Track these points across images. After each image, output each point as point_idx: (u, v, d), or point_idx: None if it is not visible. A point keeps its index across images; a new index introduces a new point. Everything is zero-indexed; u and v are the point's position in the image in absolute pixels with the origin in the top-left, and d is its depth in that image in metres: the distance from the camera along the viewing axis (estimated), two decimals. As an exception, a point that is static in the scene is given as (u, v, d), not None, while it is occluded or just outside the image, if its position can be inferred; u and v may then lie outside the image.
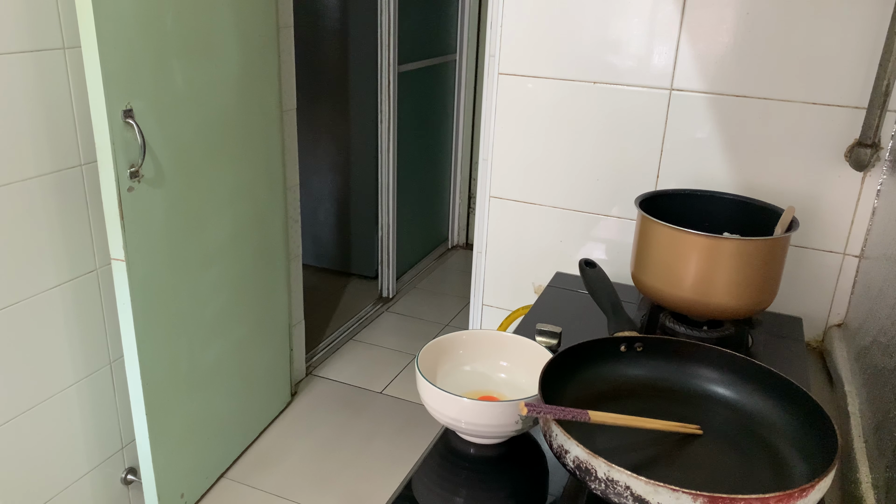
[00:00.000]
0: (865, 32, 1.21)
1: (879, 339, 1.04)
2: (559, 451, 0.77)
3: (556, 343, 1.15)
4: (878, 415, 0.95)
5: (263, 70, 2.00)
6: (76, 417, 1.75)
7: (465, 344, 1.05)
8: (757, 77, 1.30)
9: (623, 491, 0.70)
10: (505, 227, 1.60)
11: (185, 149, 1.72)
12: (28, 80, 1.48)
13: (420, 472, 0.91)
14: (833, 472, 0.72)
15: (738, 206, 1.26)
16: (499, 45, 1.47)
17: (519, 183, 1.55)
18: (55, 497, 1.74)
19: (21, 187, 1.51)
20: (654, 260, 1.16)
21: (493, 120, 1.53)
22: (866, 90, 1.22)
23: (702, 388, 0.95)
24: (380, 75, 3.11)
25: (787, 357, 1.20)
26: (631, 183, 1.44)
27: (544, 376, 0.85)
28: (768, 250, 1.11)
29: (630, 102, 1.40)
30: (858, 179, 1.28)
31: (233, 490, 2.10)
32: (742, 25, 1.28)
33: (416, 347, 2.94)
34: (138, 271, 1.61)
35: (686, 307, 1.16)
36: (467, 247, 4.06)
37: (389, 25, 3.02)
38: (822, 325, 1.38)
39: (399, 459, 2.26)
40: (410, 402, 2.55)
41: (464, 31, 3.62)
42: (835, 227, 1.32)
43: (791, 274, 1.36)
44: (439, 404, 0.91)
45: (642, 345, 0.97)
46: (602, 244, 1.51)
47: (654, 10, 1.34)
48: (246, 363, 2.16)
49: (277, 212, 2.19)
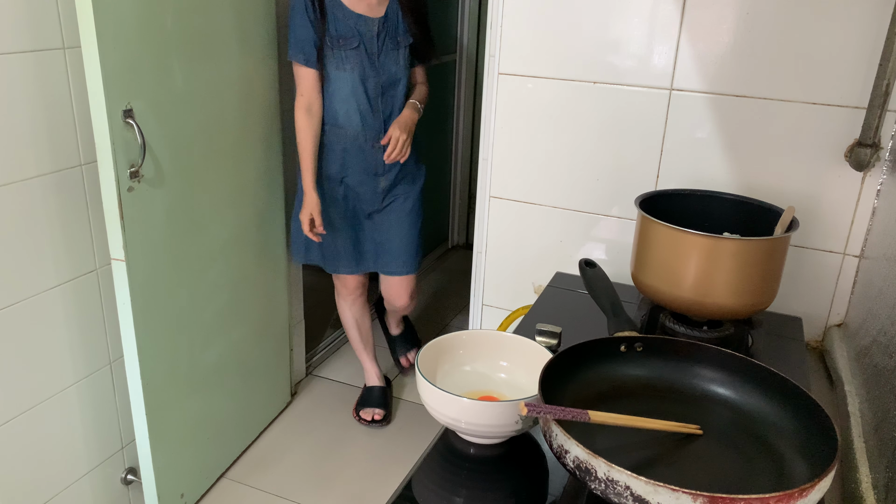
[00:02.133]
0: (865, 32, 1.21)
1: (879, 339, 1.04)
2: (559, 451, 0.77)
3: (556, 343, 1.15)
4: (878, 415, 0.95)
5: (263, 70, 2.00)
6: (76, 417, 1.75)
7: (465, 344, 1.05)
8: (757, 77, 1.30)
9: (623, 491, 0.70)
10: (505, 227, 1.60)
11: (185, 149, 1.72)
12: (28, 80, 1.48)
13: (420, 472, 0.91)
14: (833, 472, 0.72)
15: (738, 206, 1.26)
16: (499, 45, 1.47)
17: (519, 183, 1.55)
18: (55, 497, 1.74)
19: (21, 187, 1.51)
20: (654, 260, 1.16)
21: (493, 120, 1.53)
22: (866, 90, 1.22)
23: (702, 388, 0.95)
24: (380, 75, 3.10)
25: (787, 357, 1.20)
26: (631, 183, 1.44)
27: (544, 376, 0.85)
28: (768, 250, 1.11)
29: (630, 102, 1.40)
30: (858, 179, 1.28)
31: (233, 490, 2.10)
32: (742, 25, 1.28)
33: (416, 347, 2.94)
34: (138, 271, 1.61)
35: (686, 307, 1.16)
36: (467, 247, 4.06)
37: (389, 25, 3.02)
38: (822, 325, 1.38)
39: (399, 459, 2.26)
40: (410, 402, 2.55)
41: (464, 31, 3.62)
42: (835, 227, 1.32)
43: (791, 274, 1.36)
44: (439, 404, 0.91)
45: (642, 345, 0.97)
46: (602, 244, 1.51)
47: (654, 10, 1.34)
48: (246, 363, 2.16)
49: (277, 212, 2.20)
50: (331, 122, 2.00)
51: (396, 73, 1.99)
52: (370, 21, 1.92)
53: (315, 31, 1.89)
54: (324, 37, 1.90)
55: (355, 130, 1.99)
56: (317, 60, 1.91)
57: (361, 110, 1.98)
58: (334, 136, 2.01)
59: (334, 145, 2.02)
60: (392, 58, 1.97)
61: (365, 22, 1.91)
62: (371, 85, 1.96)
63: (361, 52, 1.92)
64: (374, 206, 2.12)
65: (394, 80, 1.99)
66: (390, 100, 2.01)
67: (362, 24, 1.91)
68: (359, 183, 2.06)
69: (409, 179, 2.15)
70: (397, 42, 1.97)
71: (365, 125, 1.99)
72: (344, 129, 1.99)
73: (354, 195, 2.09)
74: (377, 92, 1.98)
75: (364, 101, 1.97)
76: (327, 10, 1.89)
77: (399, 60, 1.99)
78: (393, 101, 2.02)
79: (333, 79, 1.94)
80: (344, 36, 1.90)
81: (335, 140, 2.01)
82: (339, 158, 2.03)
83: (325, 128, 2.00)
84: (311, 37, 1.89)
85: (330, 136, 2.01)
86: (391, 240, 2.17)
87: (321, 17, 1.88)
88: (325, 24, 1.89)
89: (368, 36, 1.92)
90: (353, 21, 1.91)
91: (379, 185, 2.08)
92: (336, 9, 1.90)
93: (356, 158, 2.03)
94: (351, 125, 1.99)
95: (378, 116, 2.00)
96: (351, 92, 1.95)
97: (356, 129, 1.99)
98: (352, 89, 1.95)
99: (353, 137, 2.00)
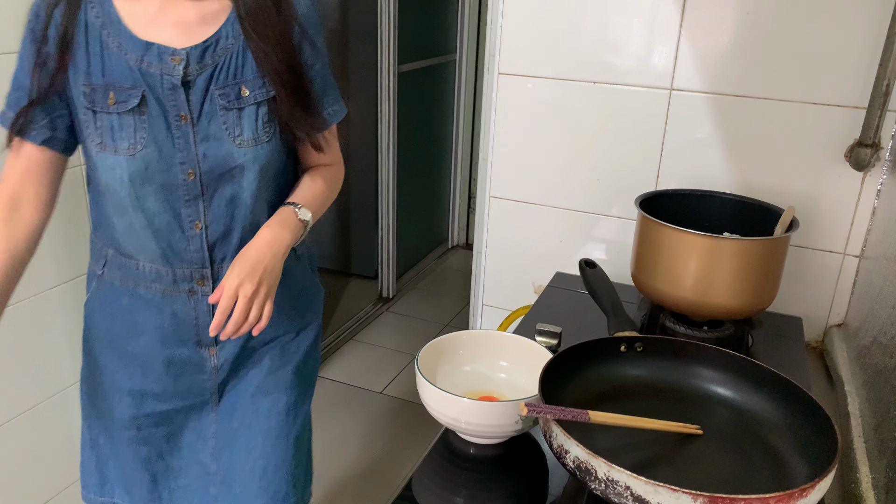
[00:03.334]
0: (865, 32, 1.21)
1: (879, 339, 1.04)
2: (559, 451, 0.77)
3: (556, 343, 1.15)
4: (878, 415, 0.95)
5: None
6: (76, 417, 1.75)
7: (465, 344, 1.05)
8: (757, 77, 1.30)
9: (623, 491, 0.70)
10: (505, 227, 1.60)
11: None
12: (28, 80, 1.48)
13: (420, 472, 0.91)
14: (833, 472, 0.72)
15: (738, 206, 1.26)
16: (499, 45, 1.47)
17: (519, 183, 1.55)
18: (55, 497, 1.74)
19: (21, 187, 1.51)
20: (654, 260, 1.16)
21: (493, 120, 1.53)
22: (866, 90, 1.22)
23: (702, 388, 0.95)
24: (380, 75, 3.11)
25: (787, 357, 1.20)
26: (631, 183, 1.44)
27: (544, 376, 0.85)
28: (768, 250, 1.11)
29: (630, 102, 1.40)
30: (858, 179, 1.28)
31: (233, 490, 2.10)
32: (742, 25, 1.28)
33: (416, 347, 2.94)
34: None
35: (686, 307, 1.16)
36: (467, 247, 4.06)
37: (389, 25, 3.02)
38: (822, 325, 1.38)
39: (399, 459, 2.26)
40: (410, 402, 2.55)
41: (464, 31, 3.62)
42: (835, 227, 1.32)
43: (791, 274, 1.36)
44: (439, 404, 0.91)
45: (642, 345, 0.97)
46: (602, 244, 1.51)
47: (654, 10, 1.34)
48: (246, 363, 2.15)
49: (277, 212, 2.19)
50: (109, 244, 1.07)
51: (235, 155, 1.00)
52: (175, 55, 0.97)
53: (47, 74, 0.97)
54: (64, 85, 0.97)
55: (152, 265, 1.05)
56: (48, 128, 1.00)
57: (158, 228, 1.02)
58: (117, 273, 1.07)
59: (118, 290, 1.08)
60: (227, 125, 0.99)
61: (161, 58, 0.96)
62: (175, 180, 1.00)
63: (154, 116, 0.97)
64: (199, 400, 1.13)
65: (228, 170, 1.01)
66: (222, 208, 1.03)
67: (155, 61, 0.96)
68: (166, 359, 1.09)
69: (278, 349, 1.15)
70: (238, 95, 0.99)
71: (171, 255, 1.04)
72: (133, 259, 1.05)
73: (158, 379, 1.11)
74: (192, 193, 1.01)
75: (164, 211, 1.01)
76: (84, 37, 0.96)
77: (241, 130, 1.00)
78: (231, 209, 1.03)
79: (100, 167, 1.00)
80: (116, 84, 0.96)
81: (119, 280, 1.07)
82: (127, 314, 1.08)
83: (101, 253, 1.09)
84: (36, 84, 0.97)
85: (111, 270, 1.08)
86: (235, 467, 1.14)
87: (63, 49, 0.96)
88: (74, 61, 0.96)
89: (168, 85, 0.97)
90: (136, 55, 0.96)
91: (206, 361, 1.11)
92: (106, 33, 0.96)
93: (158, 315, 1.07)
94: (143, 253, 1.04)
95: (197, 240, 1.03)
96: (133, 195, 1.00)
97: (154, 261, 1.05)
98: (134, 190, 0.99)
99: (152, 278, 1.06)
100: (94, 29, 0.97)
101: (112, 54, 0.96)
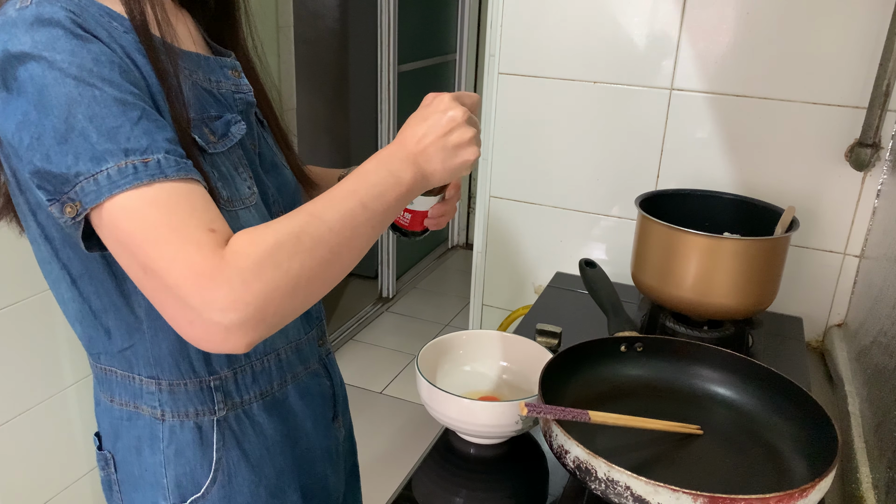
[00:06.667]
0: (865, 32, 1.21)
1: (880, 339, 1.04)
2: (559, 452, 0.77)
3: (556, 343, 1.15)
4: (878, 415, 0.95)
5: (263, 70, 2.00)
6: (76, 417, 1.75)
7: (465, 344, 1.05)
8: (757, 77, 1.30)
9: (623, 491, 0.70)
10: (505, 227, 1.60)
11: (185, 149, 1.71)
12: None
13: (420, 472, 0.91)
14: (833, 472, 0.72)
15: (738, 206, 1.26)
16: (499, 45, 1.47)
17: (519, 183, 1.55)
18: (55, 497, 1.74)
19: (21, 187, 1.51)
20: (655, 260, 1.16)
21: (493, 120, 1.53)
22: (866, 90, 1.22)
23: (702, 388, 0.95)
24: (380, 75, 3.11)
25: (787, 357, 1.20)
26: (631, 183, 1.44)
27: (544, 376, 0.85)
28: (768, 250, 1.11)
29: (630, 102, 1.40)
30: (858, 179, 1.28)
31: (233, 490, 2.10)
32: (742, 25, 1.28)
33: (416, 347, 2.94)
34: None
35: (686, 307, 1.16)
36: (467, 247, 4.06)
37: (389, 25, 3.02)
38: (823, 325, 1.38)
39: (399, 459, 2.26)
40: (410, 402, 2.55)
41: (464, 31, 3.62)
42: (835, 227, 1.32)
43: (791, 274, 1.36)
44: (439, 404, 0.91)
45: (642, 345, 0.97)
46: (602, 244, 1.51)
47: (654, 10, 1.34)
48: (246, 363, 2.15)
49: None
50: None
51: (287, 172, 0.93)
52: (240, 82, 0.83)
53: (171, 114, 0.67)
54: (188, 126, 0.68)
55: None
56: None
57: None
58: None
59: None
60: (276, 149, 0.93)
61: (229, 78, 0.81)
62: (276, 207, 0.85)
63: (247, 146, 0.81)
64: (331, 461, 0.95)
65: (293, 187, 0.93)
66: None
67: (229, 83, 0.80)
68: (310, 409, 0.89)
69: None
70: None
71: None
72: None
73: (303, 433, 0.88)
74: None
75: None
76: (171, 64, 0.68)
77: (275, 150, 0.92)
78: None
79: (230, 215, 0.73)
80: (211, 115, 0.74)
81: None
82: (273, 364, 0.82)
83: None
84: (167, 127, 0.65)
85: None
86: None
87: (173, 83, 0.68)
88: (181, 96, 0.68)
89: (245, 106, 0.82)
90: (215, 80, 0.78)
91: (334, 425, 0.96)
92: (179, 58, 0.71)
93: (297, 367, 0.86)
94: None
95: None
96: None
97: None
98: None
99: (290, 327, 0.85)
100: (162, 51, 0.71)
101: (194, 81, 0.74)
